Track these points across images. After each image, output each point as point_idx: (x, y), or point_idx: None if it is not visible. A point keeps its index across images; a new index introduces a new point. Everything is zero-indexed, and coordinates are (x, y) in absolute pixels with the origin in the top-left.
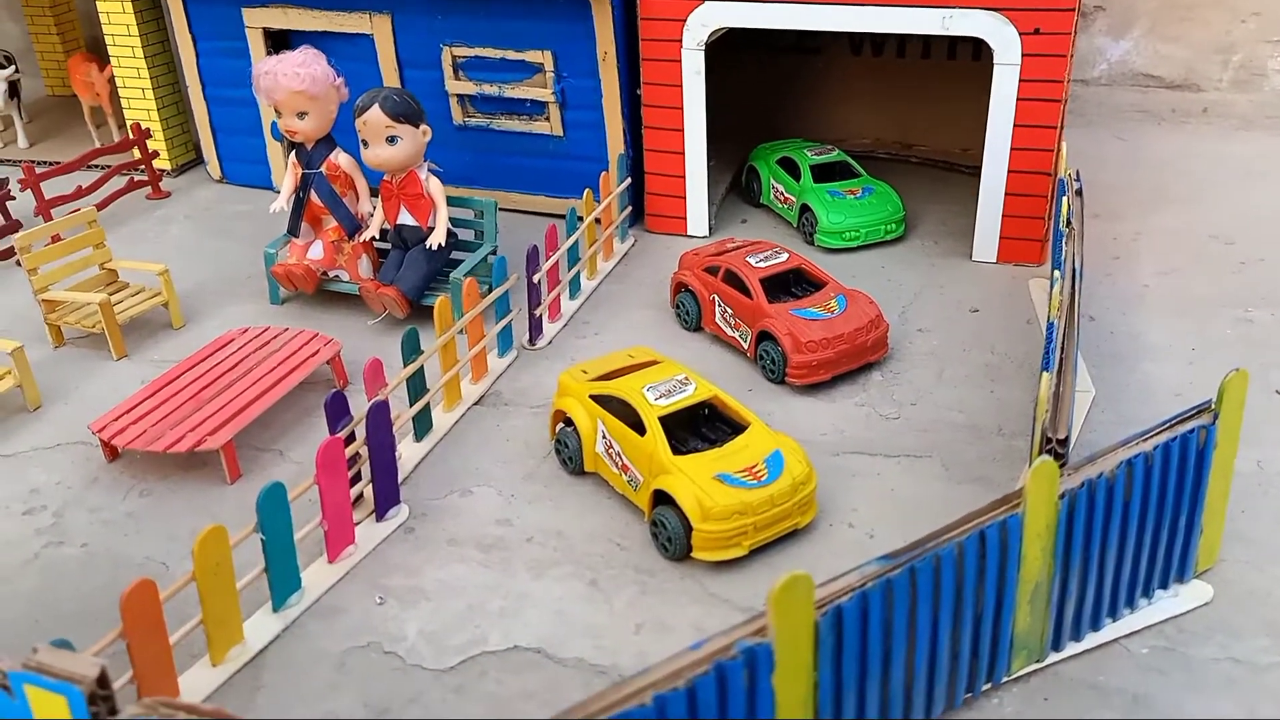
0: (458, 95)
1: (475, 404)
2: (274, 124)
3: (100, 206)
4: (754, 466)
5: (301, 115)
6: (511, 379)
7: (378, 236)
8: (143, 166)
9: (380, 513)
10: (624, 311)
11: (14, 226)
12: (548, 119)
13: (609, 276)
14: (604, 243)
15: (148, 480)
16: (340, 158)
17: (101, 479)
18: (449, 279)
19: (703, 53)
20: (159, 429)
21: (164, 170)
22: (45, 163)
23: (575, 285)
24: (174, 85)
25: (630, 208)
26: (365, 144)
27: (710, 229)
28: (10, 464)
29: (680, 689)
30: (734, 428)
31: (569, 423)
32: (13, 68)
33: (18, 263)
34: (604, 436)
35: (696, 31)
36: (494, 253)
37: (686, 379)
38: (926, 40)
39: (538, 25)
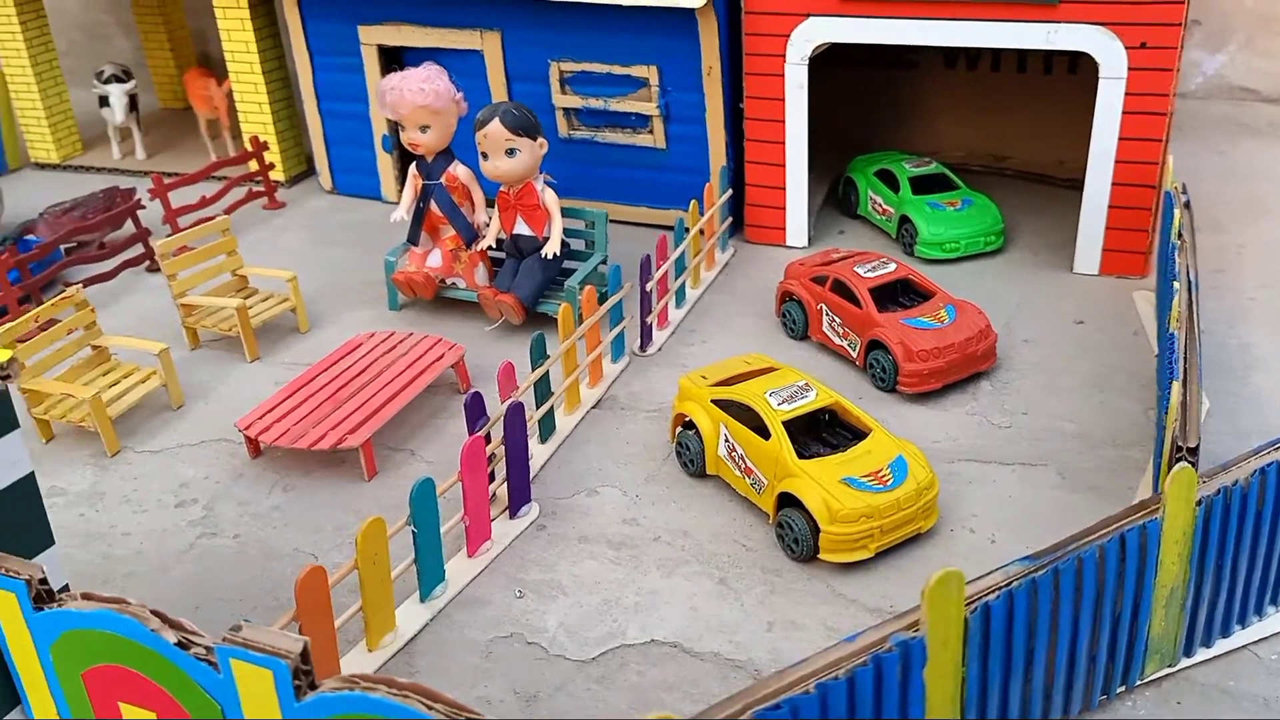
0: (564, 109)
1: (593, 407)
2: (385, 137)
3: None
4: (879, 471)
5: (424, 129)
6: (625, 384)
7: (493, 245)
8: (260, 178)
9: (514, 510)
10: (728, 320)
11: (144, 234)
12: (651, 132)
13: (711, 286)
14: (707, 253)
15: (289, 476)
16: (459, 170)
17: (246, 474)
18: (562, 287)
19: (806, 67)
20: (301, 427)
21: (278, 181)
22: (170, 174)
23: (680, 294)
24: (288, 100)
25: (730, 219)
26: (485, 156)
27: (809, 240)
28: (159, 459)
29: (841, 679)
30: (854, 433)
31: (690, 426)
32: (132, 82)
33: (148, 268)
34: (726, 440)
35: (800, 47)
36: (604, 262)
37: (807, 385)
38: (1022, 54)
39: (644, 41)
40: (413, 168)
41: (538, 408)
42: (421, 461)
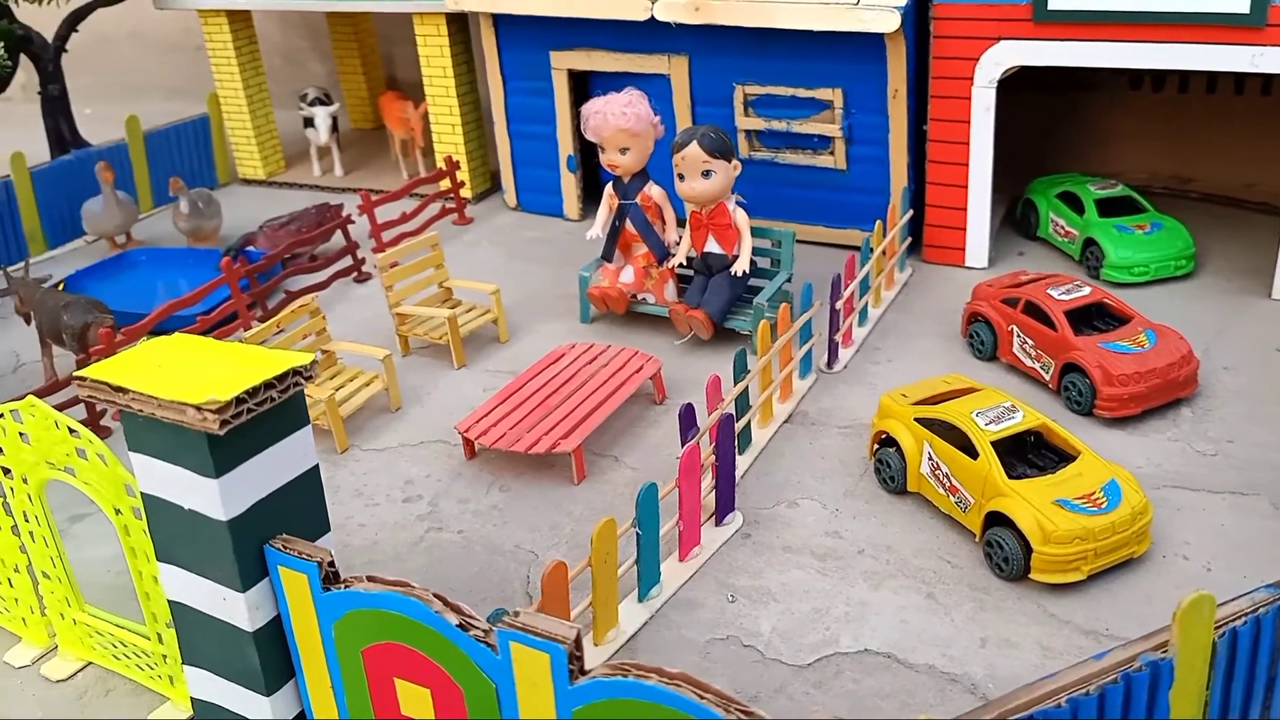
0: (745, 130)
1: (785, 422)
2: (570, 157)
3: (418, 231)
4: (1092, 494)
5: (623, 151)
6: (814, 400)
7: (684, 263)
8: (452, 195)
9: (719, 517)
10: (911, 339)
11: (353, 247)
12: (832, 153)
13: (892, 305)
14: (887, 273)
15: (504, 477)
16: (653, 190)
17: (464, 474)
18: (749, 304)
19: (994, 90)
20: (516, 432)
21: (465, 198)
22: (375, 191)
23: (863, 313)
24: (477, 121)
25: (909, 239)
26: (681, 177)
27: (989, 261)
28: (384, 457)
29: (1091, 694)
30: (1061, 455)
31: (889, 443)
32: (335, 105)
33: (355, 279)
34: (930, 458)
35: (990, 70)
36: (789, 280)
37: (1013, 406)
38: (1212, 75)
39: (830, 65)
40: (609, 187)
41: (736, 420)
42: (625, 467)
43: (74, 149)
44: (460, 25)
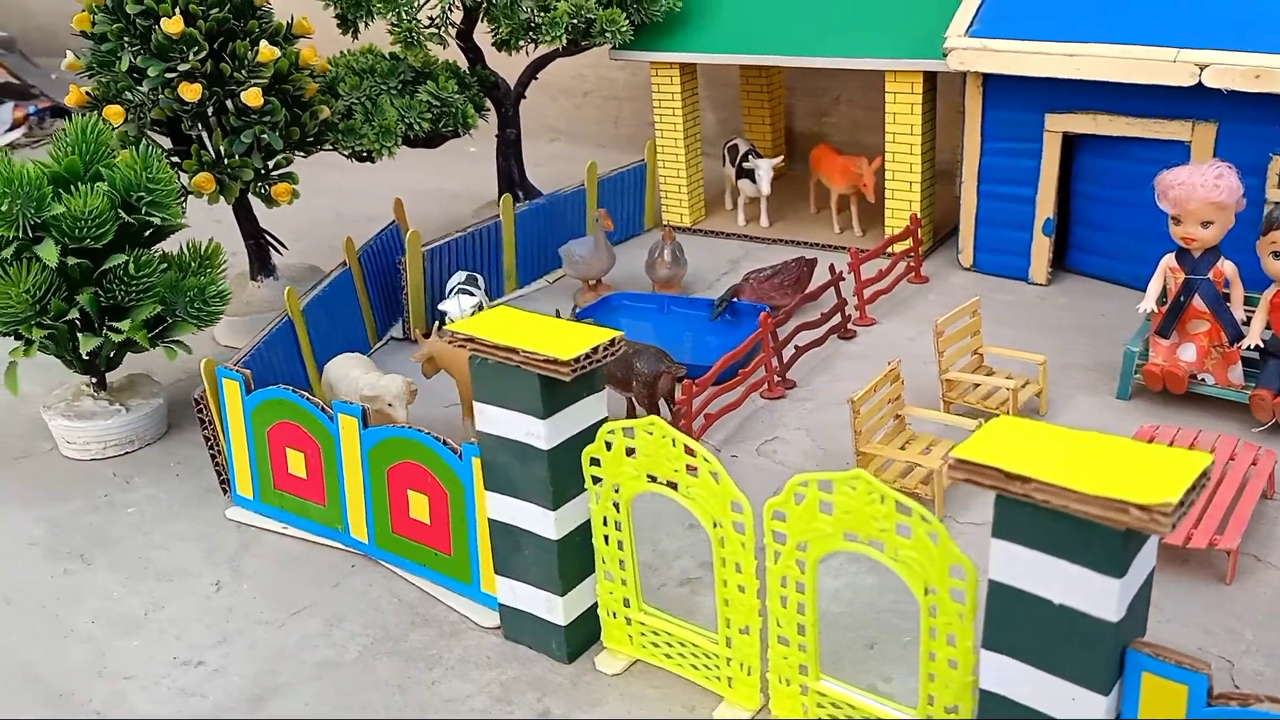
0: (1276, 202)
1: None
2: (1048, 220)
3: (890, 289)
4: None
5: (1206, 224)
6: None
7: (1262, 344)
8: (913, 253)
9: None
10: None
11: (842, 304)
12: None
13: None
14: None
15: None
16: (1225, 265)
17: None
18: None
19: None
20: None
21: (922, 257)
22: (839, 247)
23: None
24: (932, 178)
25: None
26: (1276, 256)
27: None
28: (982, 531)
29: None
30: None
31: None
32: (779, 159)
33: (840, 336)
34: None
35: None
36: None
37: None
38: None
39: None
40: (1169, 259)
41: None
42: (1270, 568)
43: (519, 189)
44: (932, 83)
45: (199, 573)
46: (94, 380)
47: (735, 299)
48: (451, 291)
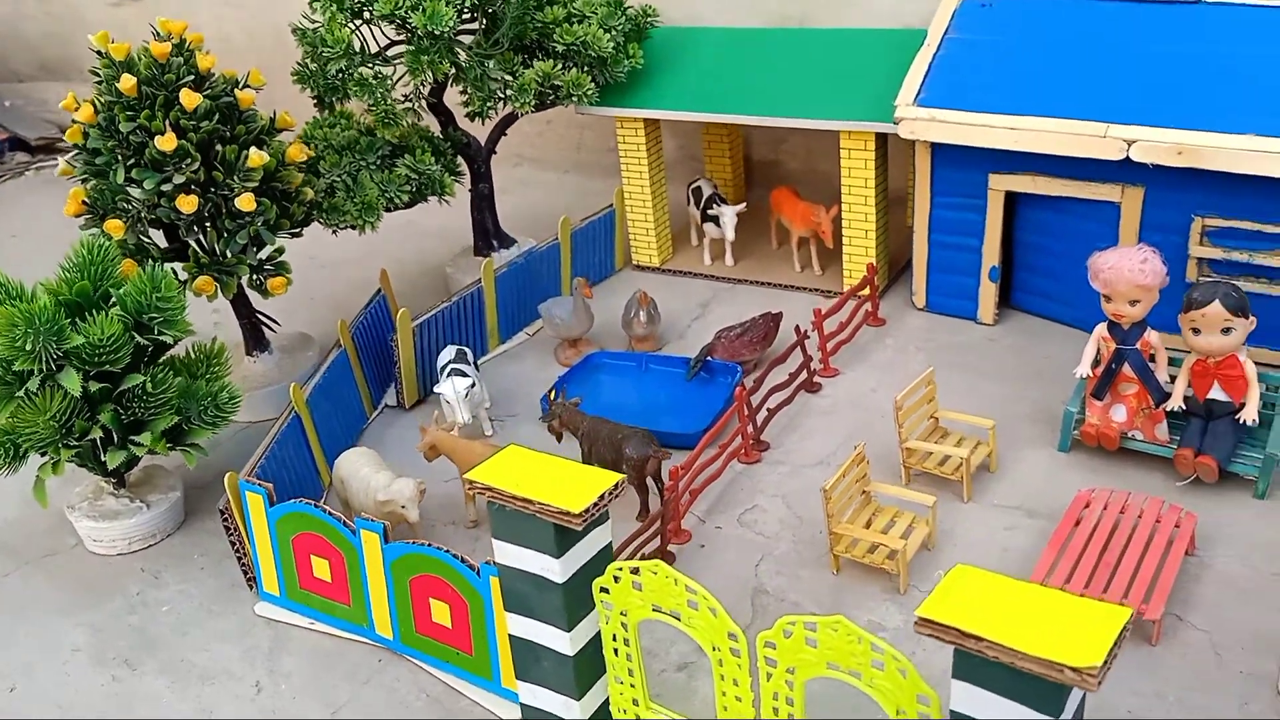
0: (1198, 258)
1: None
2: (993, 269)
3: (850, 339)
4: None
5: (1133, 303)
6: None
7: (1184, 406)
8: (870, 300)
9: None
10: None
11: (808, 361)
12: None
13: None
14: None
15: None
16: (1151, 336)
17: None
18: (1248, 445)
19: None
20: (1092, 591)
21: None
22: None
23: None
24: (886, 227)
25: None
26: (1196, 332)
27: None
28: None
29: None
30: None
31: None
32: (741, 205)
33: (807, 389)
34: None
35: None
36: None
37: None
38: None
39: None
40: (1101, 329)
41: None
42: (1191, 628)
43: (495, 239)
44: (883, 140)
45: (239, 674)
46: (114, 480)
47: (709, 358)
48: (444, 373)
